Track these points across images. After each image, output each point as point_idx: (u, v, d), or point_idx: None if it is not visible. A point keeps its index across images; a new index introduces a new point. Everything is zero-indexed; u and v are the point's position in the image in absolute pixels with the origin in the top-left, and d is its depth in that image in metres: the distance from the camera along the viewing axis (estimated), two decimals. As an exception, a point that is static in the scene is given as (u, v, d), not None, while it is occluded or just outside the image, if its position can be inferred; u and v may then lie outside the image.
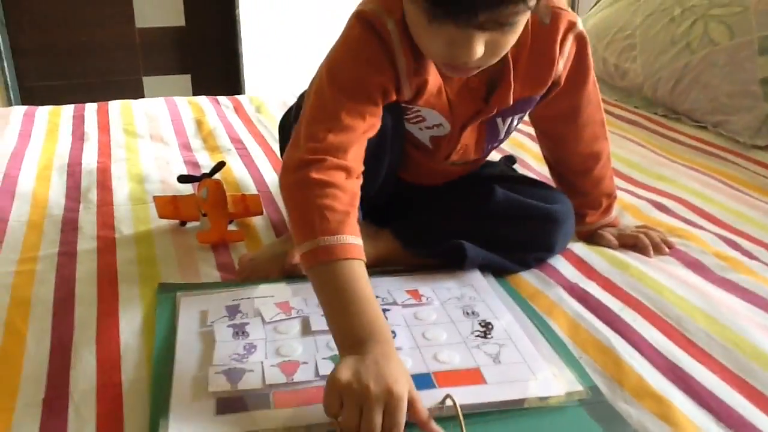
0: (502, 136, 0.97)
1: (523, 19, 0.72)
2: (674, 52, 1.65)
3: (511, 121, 0.94)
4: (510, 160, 1.20)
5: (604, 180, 1.02)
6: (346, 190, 0.74)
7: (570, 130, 0.97)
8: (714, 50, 1.56)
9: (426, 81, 0.83)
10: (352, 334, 0.66)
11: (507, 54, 0.80)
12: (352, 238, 0.71)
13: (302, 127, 0.79)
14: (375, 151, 0.84)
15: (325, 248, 0.69)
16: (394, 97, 0.83)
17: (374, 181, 0.89)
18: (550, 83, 0.89)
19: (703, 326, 0.78)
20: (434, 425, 0.61)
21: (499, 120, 0.93)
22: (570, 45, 0.88)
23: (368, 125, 0.79)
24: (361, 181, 0.78)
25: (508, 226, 0.90)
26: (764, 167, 1.36)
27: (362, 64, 0.79)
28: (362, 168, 0.78)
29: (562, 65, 0.88)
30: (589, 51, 0.91)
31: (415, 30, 0.75)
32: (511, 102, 0.88)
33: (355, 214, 0.74)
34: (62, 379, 0.71)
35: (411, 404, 0.61)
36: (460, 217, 0.93)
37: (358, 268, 0.70)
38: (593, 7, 2.07)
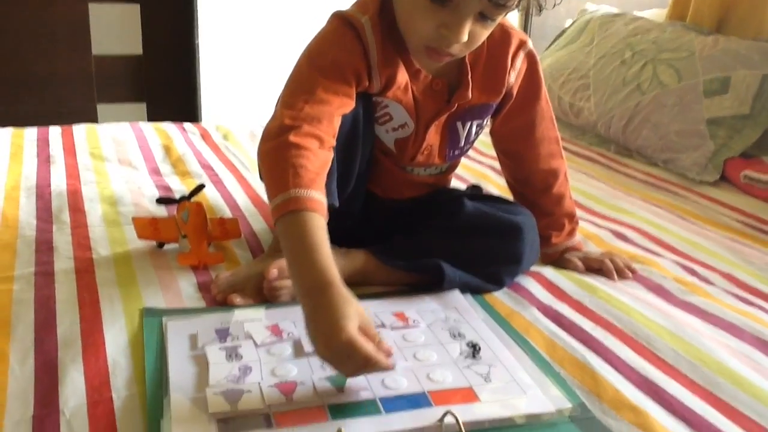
0: (462, 142, 1.04)
1: (499, 20, 0.86)
2: (626, 93, 1.75)
3: (470, 128, 1.03)
4: (476, 188, 1.25)
5: (564, 199, 1.09)
6: (318, 156, 0.81)
7: (527, 146, 1.06)
8: (663, 92, 1.67)
9: (395, 74, 0.93)
10: (306, 280, 0.72)
11: (466, 62, 0.95)
12: (320, 195, 0.78)
13: (280, 102, 0.87)
14: (349, 136, 0.92)
15: (295, 199, 0.76)
16: (366, 83, 0.91)
17: (349, 173, 0.96)
18: (503, 92, 1.00)
19: (670, 344, 0.83)
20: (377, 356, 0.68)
21: (459, 124, 1.01)
22: (521, 60, 1.00)
23: (341, 103, 0.88)
24: (332, 154, 0.85)
25: (478, 238, 0.96)
26: (712, 201, 1.45)
27: (338, 49, 0.89)
28: (334, 142, 0.86)
29: (513, 77, 1.00)
30: (540, 68, 1.03)
31: (409, 12, 0.85)
32: (470, 96, 0.97)
33: (323, 178, 0.82)
34: (51, 396, 0.70)
35: (365, 331, 0.69)
36: (433, 231, 0.98)
37: (319, 221, 0.76)
38: (548, 48, 2.17)
